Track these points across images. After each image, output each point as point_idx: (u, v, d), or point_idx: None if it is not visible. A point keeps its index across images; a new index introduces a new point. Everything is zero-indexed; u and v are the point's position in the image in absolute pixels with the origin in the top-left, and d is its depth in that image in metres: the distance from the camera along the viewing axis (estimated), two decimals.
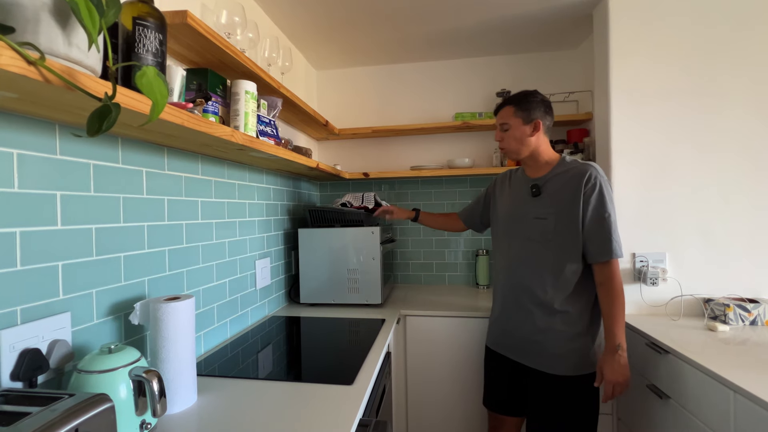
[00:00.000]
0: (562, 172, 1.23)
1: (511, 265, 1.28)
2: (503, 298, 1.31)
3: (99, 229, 0.83)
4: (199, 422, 0.79)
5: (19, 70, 0.45)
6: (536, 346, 1.21)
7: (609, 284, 1.14)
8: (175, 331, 0.83)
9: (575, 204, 1.16)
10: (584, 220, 1.16)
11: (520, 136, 1.24)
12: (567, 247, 1.18)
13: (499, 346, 1.33)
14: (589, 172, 1.17)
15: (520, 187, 1.32)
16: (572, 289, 1.18)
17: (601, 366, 1.13)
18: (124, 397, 0.68)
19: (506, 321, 1.30)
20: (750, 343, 1.20)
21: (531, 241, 1.23)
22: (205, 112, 1.00)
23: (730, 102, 1.49)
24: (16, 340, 0.65)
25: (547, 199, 1.23)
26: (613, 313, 1.12)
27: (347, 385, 0.94)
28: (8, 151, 0.66)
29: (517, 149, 1.26)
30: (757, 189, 1.48)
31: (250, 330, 1.40)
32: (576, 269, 1.18)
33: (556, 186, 1.22)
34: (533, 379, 1.23)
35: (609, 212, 1.15)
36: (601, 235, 1.14)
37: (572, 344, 1.17)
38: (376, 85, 2.30)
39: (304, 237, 1.75)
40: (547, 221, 1.20)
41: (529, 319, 1.22)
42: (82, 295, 0.79)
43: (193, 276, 1.14)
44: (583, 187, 1.16)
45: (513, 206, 1.32)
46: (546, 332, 1.19)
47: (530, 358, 1.23)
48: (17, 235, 0.67)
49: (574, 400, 1.17)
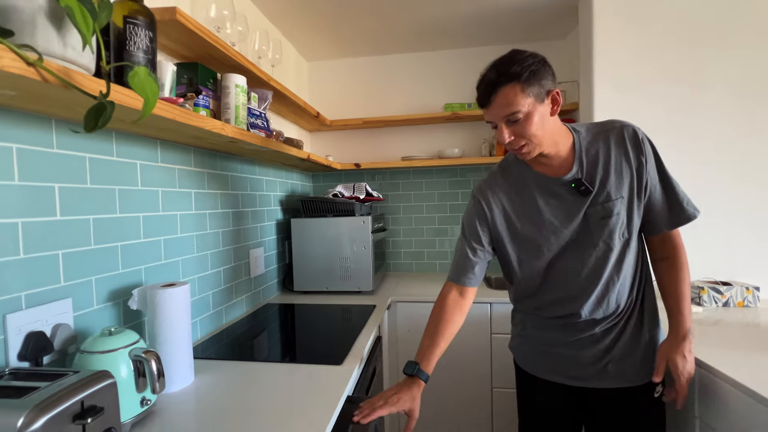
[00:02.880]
0: (592, 146, 0.91)
1: (581, 293, 0.93)
2: (567, 326, 0.97)
3: (96, 220, 0.87)
4: (197, 399, 0.84)
5: (19, 71, 0.49)
6: (622, 363, 0.94)
7: (676, 256, 0.94)
8: (171, 315, 0.87)
9: (638, 175, 0.89)
10: (648, 187, 0.90)
11: (541, 121, 0.84)
12: (637, 234, 0.93)
13: (559, 376, 1.00)
14: (630, 126, 0.91)
15: (552, 192, 0.94)
16: (640, 278, 0.95)
17: (669, 355, 0.90)
18: (125, 376, 0.73)
19: (574, 350, 0.97)
20: (717, 323, 1.27)
21: (607, 251, 0.91)
22: (196, 106, 1.03)
23: (712, 93, 1.53)
24: (22, 323, 0.70)
25: (602, 190, 0.90)
26: (682, 290, 0.92)
27: (336, 366, 0.99)
28: (8, 145, 0.69)
29: (541, 140, 0.86)
30: (735, 177, 1.53)
31: (245, 317, 1.45)
32: (642, 252, 0.96)
33: (604, 167, 0.90)
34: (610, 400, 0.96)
35: (666, 166, 0.92)
36: (672, 197, 0.91)
37: (650, 344, 0.95)
38: (367, 76, 2.32)
39: (297, 227, 1.79)
40: (619, 216, 0.90)
41: (608, 338, 0.94)
42: (82, 282, 0.83)
43: (189, 264, 1.18)
44: (635, 148, 0.89)
45: (558, 221, 0.93)
46: (630, 344, 0.94)
47: (615, 378, 0.95)
48: (19, 225, 0.71)
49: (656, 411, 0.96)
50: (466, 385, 1.67)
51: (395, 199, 2.30)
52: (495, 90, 0.83)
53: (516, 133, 0.85)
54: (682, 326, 0.91)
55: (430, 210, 2.27)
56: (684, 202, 0.92)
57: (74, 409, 0.56)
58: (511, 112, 0.83)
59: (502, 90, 0.82)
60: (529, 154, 0.88)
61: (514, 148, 0.88)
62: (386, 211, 2.31)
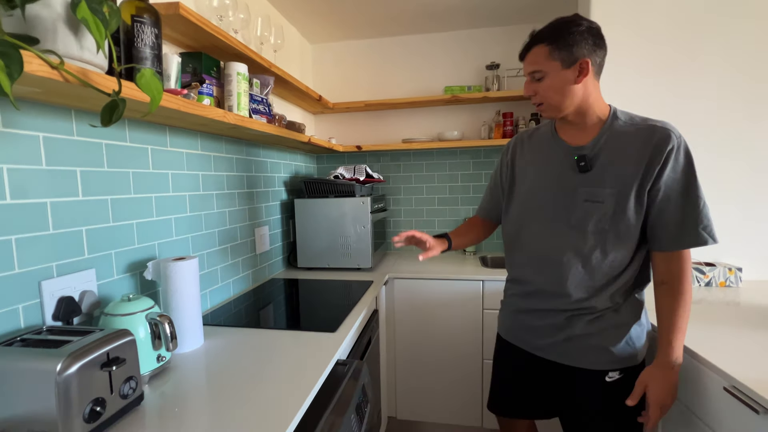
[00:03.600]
0: (618, 133, 0.91)
1: (544, 261, 0.99)
2: (532, 294, 1.04)
3: (114, 200, 0.97)
4: (206, 358, 0.96)
5: (45, 74, 0.57)
6: (577, 342, 0.96)
7: (677, 283, 0.89)
8: (182, 285, 0.98)
9: (644, 178, 0.87)
10: (659, 197, 0.87)
11: (561, 85, 0.89)
12: (626, 236, 0.90)
13: (524, 343, 1.07)
14: (667, 132, 0.86)
15: (559, 156, 0.98)
16: (625, 286, 0.94)
17: (647, 381, 0.90)
18: (142, 336, 0.84)
19: (536, 319, 1.03)
20: (699, 302, 1.32)
21: (578, 231, 0.93)
22: (200, 94, 1.11)
23: (707, 74, 1.54)
24: (54, 289, 0.81)
25: (600, 175, 0.91)
26: (676, 320, 0.88)
27: (331, 333, 1.10)
28: (35, 134, 0.79)
29: (558, 104, 0.91)
30: (724, 158, 1.55)
31: (252, 290, 1.57)
32: (632, 262, 0.93)
33: (614, 155, 0.90)
34: (565, 377, 1.01)
35: (698, 184, 0.87)
36: (688, 216, 0.86)
37: (618, 331, 0.94)
38: (369, 59, 2.35)
39: (300, 207, 1.89)
40: (603, 205, 0.89)
41: (567, 314, 0.97)
42: (104, 255, 0.94)
43: (198, 241, 1.29)
44: (656, 153, 0.86)
45: (549, 181, 0.98)
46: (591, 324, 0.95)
47: (569, 356, 0.98)
48: (48, 204, 0.81)
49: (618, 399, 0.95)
50: (460, 356, 1.77)
51: (396, 181, 2.37)
52: (529, 47, 0.92)
53: (536, 90, 0.93)
54: (668, 357, 0.89)
55: (430, 191, 2.33)
56: (700, 226, 0.86)
57: (101, 359, 0.67)
58: (534, 70, 0.91)
59: (533, 49, 0.91)
60: (544, 113, 0.96)
61: (533, 103, 0.97)
62: (387, 192, 2.39)
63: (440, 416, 1.83)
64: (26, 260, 0.77)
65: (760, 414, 0.75)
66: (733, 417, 0.84)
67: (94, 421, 0.65)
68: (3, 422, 0.63)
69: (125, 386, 0.71)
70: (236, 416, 0.71)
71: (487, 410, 1.29)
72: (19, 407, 0.63)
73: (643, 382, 0.91)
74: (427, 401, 1.83)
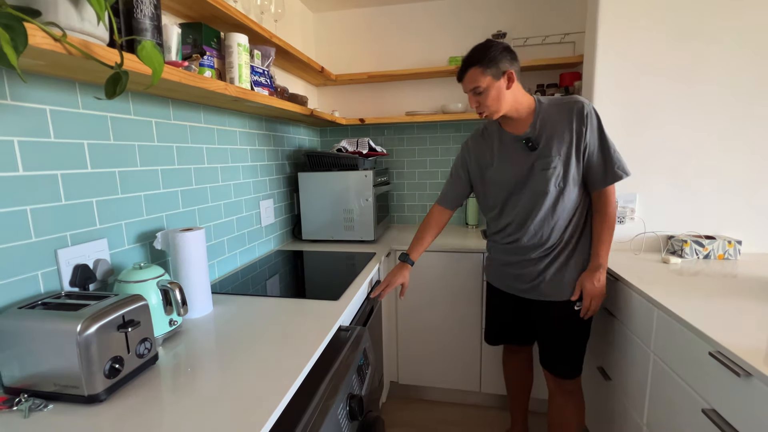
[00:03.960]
0: (547, 114, 1.21)
1: (524, 220, 1.26)
2: (516, 250, 1.32)
3: (121, 172, 0.99)
4: (215, 323, 1.01)
5: (48, 46, 0.58)
6: (552, 282, 1.27)
7: (605, 210, 1.22)
8: (190, 254, 1.02)
9: (577, 141, 1.17)
10: (587, 152, 1.18)
11: (497, 95, 1.16)
12: (575, 185, 1.21)
13: (511, 289, 1.38)
14: (578, 103, 1.18)
15: (511, 145, 1.26)
16: (577, 222, 1.25)
17: (582, 282, 1.23)
18: (154, 302, 0.89)
19: (519, 269, 1.32)
20: (697, 274, 1.35)
21: (543, 194, 1.21)
22: (202, 66, 1.11)
23: (715, 48, 1.49)
24: (70, 257, 0.85)
25: (546, 148, 1.20)
26: (603, 237, 1.22)
27: (334, 301, 1.15)
28: (43, 107, 0.80)
29: (497, 108, 1.19)
30: (733, 131, 1.53)
31: (258, 260, 1.62)
32: (582, 203, 1.24)
33: (550, 131, 1.19)
34: (543, 309, 1.31)
35: (607, 136, 1.19)
36: (607, 161, 1.19)
37: (576, 273, 1.26)
38: (372, 28, 2.29)
39: (303, 180, 1.91)
40: (555, 170, 1.19)
41: (543, 263, 1.27)
42: (114, 225, 0.98)
43: (204, 213, 1.32)
44: (577, 121, 1.17)
45: (512, 166, 1.26)
46: (561, 268, 1.26)
47: (546, 293, 1.28)
48: (59, 176, 0.84)
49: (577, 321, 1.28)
50: (460, 325, 1.83)
51: (400, 154, 2.37)
52: (465, 70, 1.18)
53: (479, 101, 1.20)
54: (595, 262, 1.23)
55: (433, 165, 2.33)
56: (615, 166, 1.19)
57: (117, 321, 0.72)
58: (474, 87, 1.17)
59: (469, 71, 1.17)
60: (489, 117, 1.22)
61: (478, 113, 1.23)
62: (391, 166, 2.39)
63: (441, 381, 1.91)
64: (42, 230, 0.81)
65: (741, 376, 0.78)
66: (715, 380, 0.88)
67: (114, 377, 0.70)
68: (32, 378, 0.69)
69: (140, 347, 0.76)
70: (245, 375, 0.76)
71: (486, 342, 1.58)
72: (45, 364, 0.68)
73: (581, 282, 1.24)
74: (428, 367, 1.91)
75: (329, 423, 0.75)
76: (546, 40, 2.07)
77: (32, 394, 0.69)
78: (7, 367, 0.69)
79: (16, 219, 0.76)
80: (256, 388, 0.71)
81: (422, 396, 2.00)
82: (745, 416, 0.80)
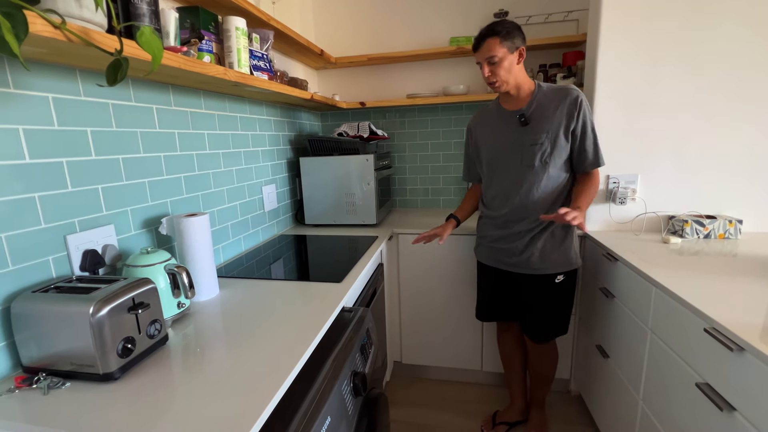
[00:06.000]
0: (543, 97, 1.32)
1: (509, 192, 1.38)
2: (504, 224, 1.42)
3: (125, 159, 1.01)
4: (222, 305, 1.04)
5: (48, 33, 0.59)
6: (536, 256, 1.37)
7: (589, 181, 1.33)
8: (195, 239, 1.04)
9: (567, 123, 1.28)
10: (575, 135, 1.30)
11: (509, 66, 1.27)
12: (561, 164, 1.32)
13: (499, 263, 1.47)
14: (573, 91, 1.30)
15: (506, 120, 1.38)
16: (561, 199, 1.35)
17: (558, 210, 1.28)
18: (162, 286, 0.91)
19: (507, 243, 1.42)
20: (697, 253, 1.36)
21: (529, 167, 1.33)
22: (200, 51, 1.10)
23: (719, 28, 1.46)
24: (79, 242, 0.88)
25: (537, 125, 1.31)
26: (583, 194, 1.30)
27: (337, 283, 1.17)
28: (45, 95, 0.81)
29: (507, 79, 1.29)
30: (736, 110, 1.51)
31: (262, 245, 1.64)
32: (566, 181, 1.34)
33: (543, 111, 1.31)
34: (528, 282, 1.42)
35: (594, 125, 1.31)
36: (593, 148, 1.31)
37: (561, 247, 1.37)
38: (372, 9, 2.25)
39: (305, 165, 1.91)
40: (543, 146, 1.30)
41: (528, 236, 1.37)
42: (120, 211, 1.00)
43: (208, 199, 1.34)
44: (570, 106, 1.28)
45: (504, 139, 1.38)
46: (545, 243, 1.36)
47: (531, 267, 1.39)
48: (64, 164, 0.85)
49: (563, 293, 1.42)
50: (461, 306, 1.87)
51: (401, 138, 2.36)
52: (483, 39, 1.27)
53: (492, 70, 1.29)
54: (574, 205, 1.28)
55: (435, 148, 2.33)
56: (599, 154, 1.33)
57: (128, 303, 0.74)
58: (490, 55, 1.26)
59: (488, 40, 1.26)
60: (499, 88, 1.32)
61: (490, 82, 1.31)
62: (393, 150, 2.38)
63: (443, 360, 1.96)
64: (50, 216, 0.83)
65: (734, 351, 0.80)
66: (709, 355, 0.90)
67: (127, 356, 0.73)
68: (49, 357, 0.72)
69: (151, 327, 0.79)
70: (252, 355, 0.79)
71: (477, 318, 1.68)
72: (60, 345, 0.71)
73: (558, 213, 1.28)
74: (431, 347, 1.96)
75: (334, 399, 0.78)
76: (549, 18, 2.03)
77: (50, 372, 0.72)
78: (25, 347, 0.73)
79: (26, 206, 0.78)
80: (264, 366, 0.74)
81: (425, 375, 2.05)
82: (736, 388, 0.82)
